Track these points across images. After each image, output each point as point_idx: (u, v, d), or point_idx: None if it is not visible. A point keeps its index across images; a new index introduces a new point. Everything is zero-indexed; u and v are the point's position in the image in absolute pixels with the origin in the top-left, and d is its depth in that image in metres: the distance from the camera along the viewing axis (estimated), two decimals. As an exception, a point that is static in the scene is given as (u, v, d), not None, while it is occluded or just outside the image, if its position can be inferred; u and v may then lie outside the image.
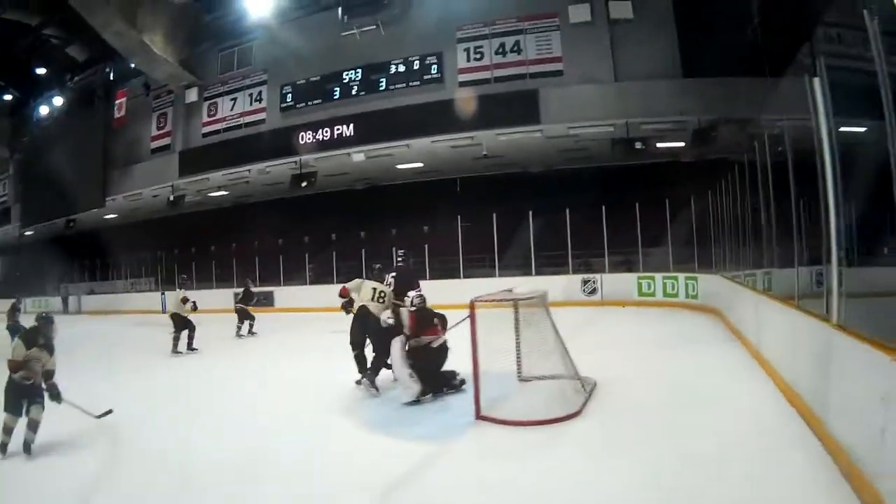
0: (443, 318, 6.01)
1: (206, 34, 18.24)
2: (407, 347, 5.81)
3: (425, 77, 15.09)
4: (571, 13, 13.88)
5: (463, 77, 14.76)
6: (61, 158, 21.94)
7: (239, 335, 11.87)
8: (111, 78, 20.96)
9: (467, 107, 13.81)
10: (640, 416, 4.87)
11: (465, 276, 14.81)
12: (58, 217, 22.69)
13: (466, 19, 14.85)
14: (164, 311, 18.15)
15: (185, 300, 9.98)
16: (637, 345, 8.32)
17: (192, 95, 18.35)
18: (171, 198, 17.99)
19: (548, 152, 15.82)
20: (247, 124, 17.14)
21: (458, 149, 15.15)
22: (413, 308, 5.87)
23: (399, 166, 17.06)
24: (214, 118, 17.92)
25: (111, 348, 11.62)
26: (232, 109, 17.57)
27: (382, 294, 6.34)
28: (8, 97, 26.17)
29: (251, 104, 17.23)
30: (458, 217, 15.66)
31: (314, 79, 16.26)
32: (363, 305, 6.32)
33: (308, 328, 12.44)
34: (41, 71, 23.14)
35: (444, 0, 14.69)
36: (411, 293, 5.98)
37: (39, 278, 28.59)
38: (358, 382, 6.42)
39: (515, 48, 14.53)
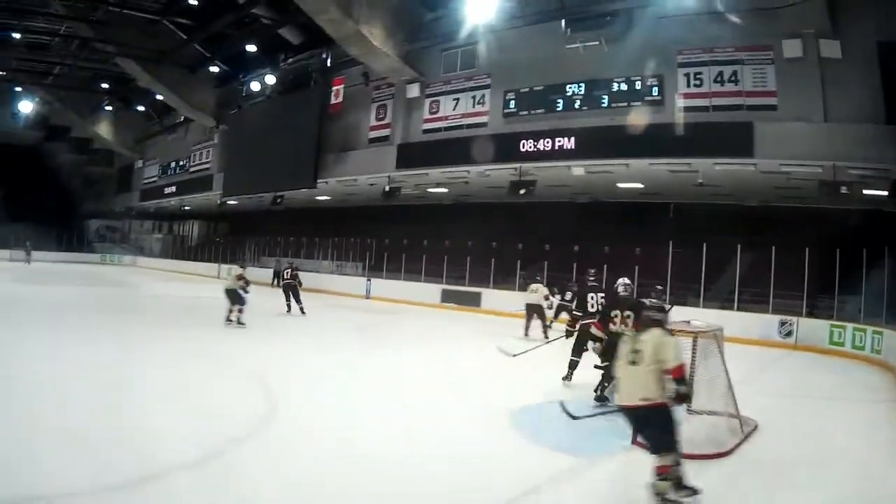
0: None
1: (426, 32, 20.10)
2: None
3: (647, 98, 16.07)
4: (785, 48, 14.15)
5: (683, 102, 15.50)
6: (272, 135, 25.14)
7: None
8: (328, 64, 23.45)
9: (685, 132, 14.66)
10: (782, 469, 5.31)
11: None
12: (264, 191, 26.10)
13: (686, 43, 15.44)
14: (367, 297, 21.54)
15: (240, 277, 12.52)
16: (795, 393, 9.04)
17: (413, 91, 20.34)
18: (387, 188, 20.40)
19: (762, 187, 16.33)
20: (468, 125, 19.04)
21: (676, 174, 16.01)
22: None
23: (620, 185, 18.19)
24: (436, 115, 19.96)
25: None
26: (455, 109, 19.51)
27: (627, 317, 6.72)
28: (215, 69, 29.83)
29: (474, 106, 19.06)
30: (671, 243, 16.55)
31: (538, 88, 17.70)
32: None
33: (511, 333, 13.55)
34: (251, 48, 25.79)
35: (665, 22, 15.35)
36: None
37: (236, 248, 33.32)
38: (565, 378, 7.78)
39: (733, 78, 15.04)
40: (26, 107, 39.20)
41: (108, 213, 46.60)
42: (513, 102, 18.29)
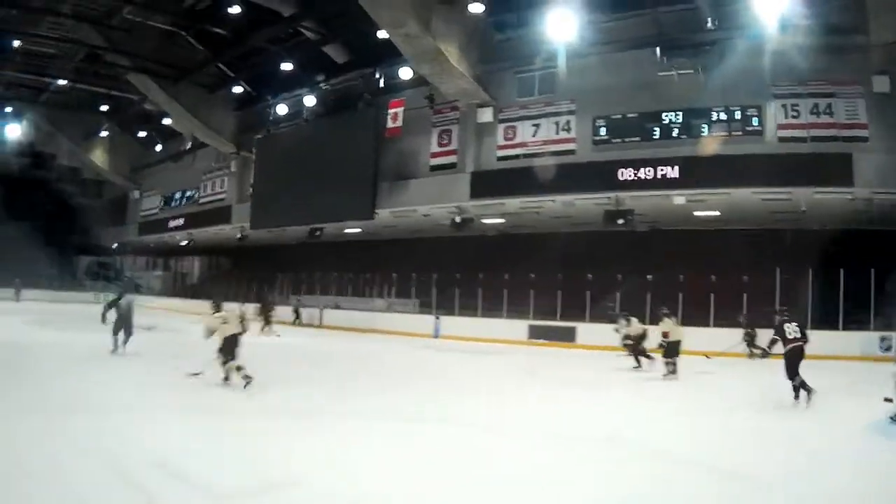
0: None
1: (498, 54, 20.90)
2: None
3: (747, 128, 17.44)
4: (875, 83, 15.87)
5: (782, 133, 17.07)
6: (314, 161, 25.51)
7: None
8: (380, 85, 23.85)
9: (785, 162, 16.32)
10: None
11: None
12: (305, 223, 26.53)
13: (781, 75, 16.84)
14: (435, 336, 22.02)
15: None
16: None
17: (486, 115, 21.00)
18: (458, 220, 20.96)
19: (858, 214, 17.96)
20: (553, 153, 19.79)
21: (767, 202, 17.53)
22: None
23: (697, 213, 19.28)
24: (513, 142, 20.69)
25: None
26: (534, 135, 20.27)
27: None
28: (237, 90, 30.51)
29: (557, 133, 19.85)
30: (777, 270, 17.72)
31: (631, 115, 18.58)
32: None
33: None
34: (287, 67, 26.00)
35: (760, 52, 16.52)
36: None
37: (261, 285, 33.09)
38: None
39: (828, 110, 16.76)
40: (13, 130, 39.31)
41: (99, 248, 46.60)
42: (604, 129, 19.11)
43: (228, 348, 9.39)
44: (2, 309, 28.89)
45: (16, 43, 28.80)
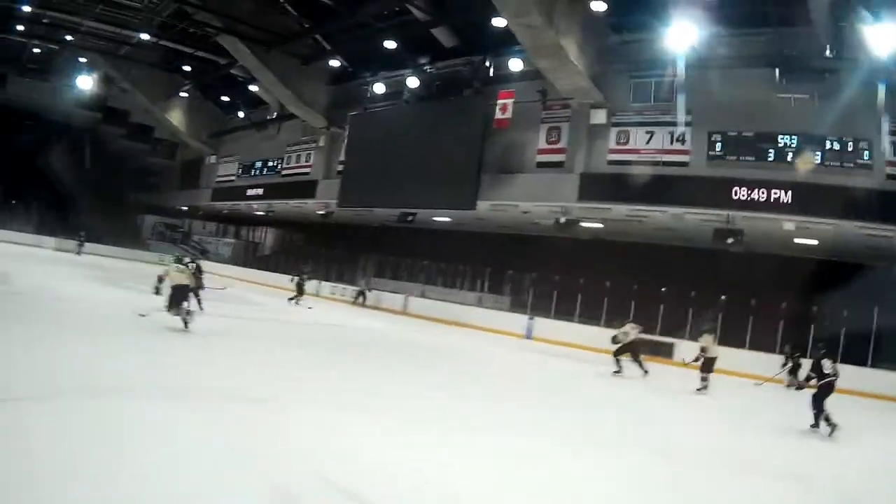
0: None
1: (613, 56, 23.85)
2: None
3: (858, 161, 19.91)
4: None
5: (890, 169, 19.46)
6: (413, 145, 29.09)
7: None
8: (490, 74, 27.37)
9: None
10: None
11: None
12: (398, 206, 30.28)
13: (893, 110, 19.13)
14: (527, 337, 25.02)
15: None
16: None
17: (599, 117, 24.00)
18: (563, 220, 24.23)
19: None
20: (665, 163, 22.73)
21: (871, 237, 20.12)
22: None
23: (797, 240, 22.14)
24: (625, 147, 23.68)
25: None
26: (648, 143, 23.24)
27: None
28: (334, 63, 34.33)
29: (672, 143, 22.70)
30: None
31: (747, 134, 21.28)
32: None
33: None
34: (390, 44, 29.58)
35: (874, 86, 18.79)
36: None
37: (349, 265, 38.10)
38: None
39: None
40: (85, 82, 44.84)
41: (167, 209, 52.54)
42: (719, 145, 21.86)
43: (177, 296, 12.97)
44: (64, 260, 34.24)
45: None
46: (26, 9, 35.11)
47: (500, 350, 20.90)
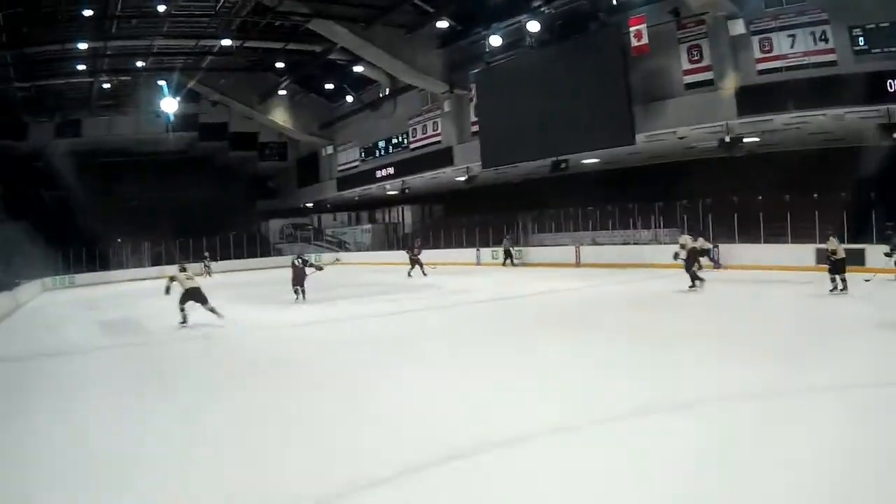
0: None
1: None
2: None
3: None
4: None
5: None
6: (550, 91, 32.88)
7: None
8: (613, 2, 30.90)
9: None
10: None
11: None
12: (549, 155, 34.27)
13: None
14: (716, 267, 27.95)
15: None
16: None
17: (738, 27, 27.37)
18: (728, 139, 27.96)
19: None
20: (814, 65, 25.91)
21: None
22: None
23: None
24: (771, 55, 27.05)
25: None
26: (792, 47, 26.49)
27: None
28: (442, 24, 37.98)
29: (815, 43, 25.88)
30: None
31: (884, 24, 23.83)
32: None
33: None
34: None
35: None
36: None
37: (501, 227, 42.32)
38: None
39: None
40: (170, 105, 48.21)
41: (290, 210, 60.11)
42: (861, 39, 24.75)
43: (186, 297, 18.93)
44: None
45: (161, 8, 34.21)
46: (82, 46, 37.82)
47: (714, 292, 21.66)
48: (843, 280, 18.78)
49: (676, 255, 22.30)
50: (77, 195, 48.41)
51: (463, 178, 41.85)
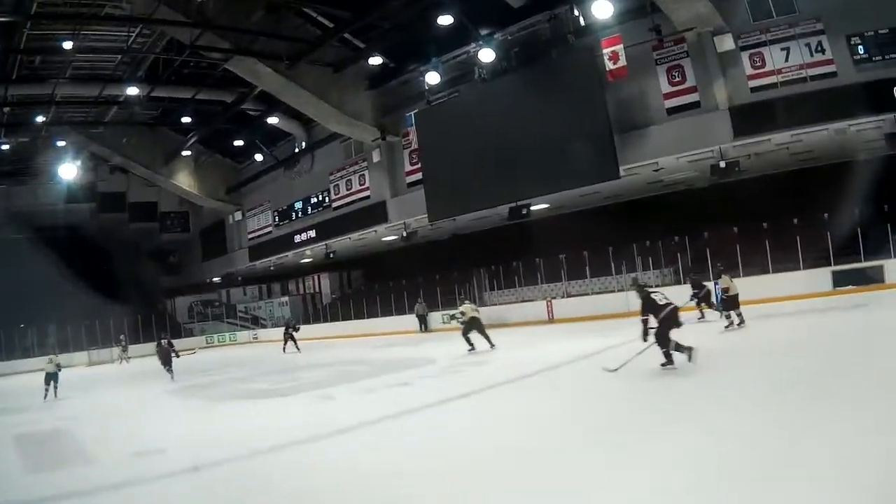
0: None
1: None
2: None
3: None
4: None
5: None
6: (512, 126, 30.25)
7: None
8: (581, 23, 28.56)
9: None
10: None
11: None
12: (510, 201, 31.40)
13: None
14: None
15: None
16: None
17: (726, 43, 25.53)
18: (723, 164, 25.95)
19: None
20: (812, 77, 24.45)
21: None
22: None
23: None
24: (762, 70, 25.37)
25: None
26: (787, 60, 24.91)
27: None
28: (374, 61, 35.05)
29: (811, 55, 24.51)
30: None
31: (883, 31, 23.08)
32: None
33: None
34: (445, 20, 29.39)
35: None
36: None
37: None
38: None
39: None
40: (69, 171, 45.94)
41: (195, 286, 55.97)
42: (860, 48, 23.75)
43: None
44: (117, 374, 34.44)
45: (67, 45, 31.32)
46: None
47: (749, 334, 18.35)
48: (739, 315, 19.01)
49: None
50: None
51: (394, 237, 40.04)
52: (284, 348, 33.75)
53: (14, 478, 10.74)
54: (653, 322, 12.74)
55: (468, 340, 21.81)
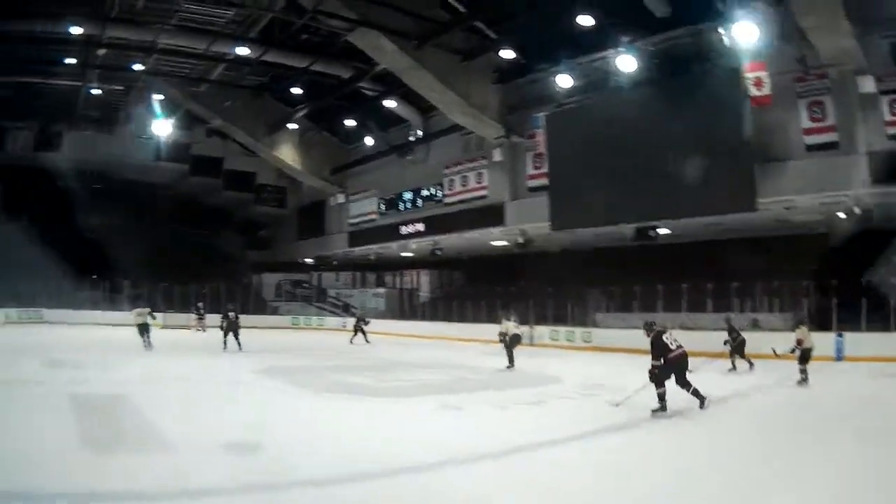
0: None
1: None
2: None
3: None
4: None
5: None
6: (648, 140, 32.73)
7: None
8: (725, 41, 30.27)
9: None
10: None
11: None
12: (643, 220, 34.32)
13: None
14: (838, 359, 27.29)
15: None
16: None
17: (867, 85, 28.16)
18: (858, 210, 29.07)
19: None
20: None
21: None
22: None
23: None
24: None
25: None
26: None
27: None
28: (505, 55, 37.02)
29: None
30: None
31: None
32: None
33: None
34: (585, 21, 31.44)
35: None
36: None
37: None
38: None
39: None
40: (163, 128, 49.83)
41: (284, 264, 60.53)
42: None
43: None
44: (196, 343, 35.26)
45: None
46: (75, 31, 36.61)
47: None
48: (804, 371, 20.34)
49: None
50: (49, 218, 48.27)
51: (504, 242, 42.85)
52: (352, 340, 37.22)
53: (68, 454, 10.07)
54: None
55: (510, 357, 24.08)
